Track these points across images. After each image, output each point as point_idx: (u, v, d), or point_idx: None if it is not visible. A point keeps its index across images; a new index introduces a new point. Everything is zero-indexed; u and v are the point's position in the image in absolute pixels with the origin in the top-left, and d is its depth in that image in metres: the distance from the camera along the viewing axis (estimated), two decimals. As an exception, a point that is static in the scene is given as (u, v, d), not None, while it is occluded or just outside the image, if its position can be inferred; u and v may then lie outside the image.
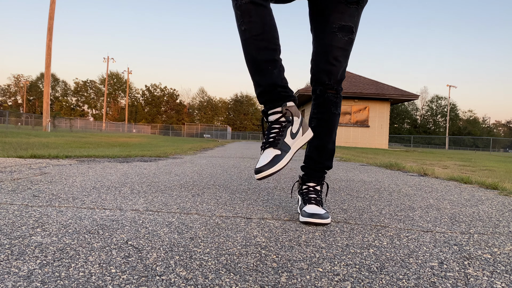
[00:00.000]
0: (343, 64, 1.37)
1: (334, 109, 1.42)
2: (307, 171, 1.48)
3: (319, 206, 1.35)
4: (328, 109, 1.41)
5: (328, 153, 1.46)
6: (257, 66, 1.20)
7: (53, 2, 19.32)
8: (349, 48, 1.37)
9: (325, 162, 1.46)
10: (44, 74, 19.93)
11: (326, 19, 1.36)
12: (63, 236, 1.01)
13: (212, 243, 1.02)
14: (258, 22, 1.17)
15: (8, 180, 1.95)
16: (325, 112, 1.42)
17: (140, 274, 0.78)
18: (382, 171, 3.68)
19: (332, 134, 1.45)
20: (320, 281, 0.79)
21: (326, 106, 1.41)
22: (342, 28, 1.33)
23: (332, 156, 1.48)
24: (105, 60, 50.64)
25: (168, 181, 2.24)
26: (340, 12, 1.33)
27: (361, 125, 19.25)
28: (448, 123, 52.91)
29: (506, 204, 1.91)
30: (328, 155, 1.46)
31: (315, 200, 1.38)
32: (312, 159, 1.47)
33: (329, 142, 1.45)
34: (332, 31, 1.34)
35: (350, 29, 1.34)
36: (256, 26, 1.17)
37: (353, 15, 1.35)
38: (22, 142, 7.00)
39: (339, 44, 1.33)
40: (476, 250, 1.07)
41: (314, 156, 1.46)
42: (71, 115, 65.77)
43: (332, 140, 1.46)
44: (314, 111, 1.46)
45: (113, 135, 19.83)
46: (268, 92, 1.21)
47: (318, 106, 1.43)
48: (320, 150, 1.45)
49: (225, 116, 73.47)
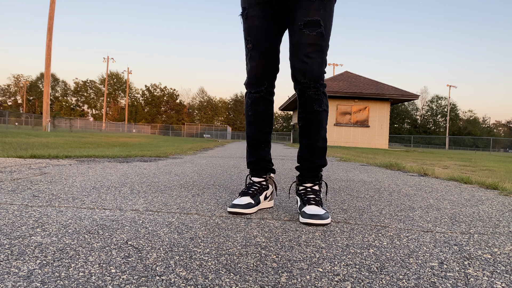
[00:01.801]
0: (317, 60, 1.35)
1: (317, 106, 1.41)
2: (302, 172, 1.49)
3: (318, 206, 1.35)
4: (311, 107, 1.41)
5: (319, 151, 1.46)
6: (254, 142, 1.55)
7: (53, 2, 19.32)
8: (321, 42, 1.34)
9: (316, 160, 1.46)
10: (44, 74, 19.93)
11: (293, 17, 1.37)
12: (63, 236, 1.01)
13: (212, 243, 1.02)
14: (262, 111, 1.52)
15: (8, 180, 1.95)
16: (309, 111, 1.43)
17: (140, 274, 0.78)
18: (382, 171, 3.68)
19: (320, 132, 1.45)
20: (320, 281, 0.79)
21: (309, 104, 1.42)
22: (307, 23, 1.32)
23: (324, 154, 1.48)
24: (105, 60, 50.64)
25: (168, 181, 2.24)
26: (304, 8, 1.33)
27: (361, 125, 19.25)
28: (448, 123, 52.89)
29: (506, 204, 1.91)
30: (320, 153, 1.46)
31: (314, 200, 1.38)
32: (304, 159, 1.48)
33: (318, 140, 1.45)
34: (299, 28, 1.34)
35: (317, 22, 1.32)
36: (259, 114, 1.52)
37: (319, 8, 1.33)
38: (22, 142, 7.00)
39: (308, 40, 1.33)
40: (476, 250, 1.06)
41: (306, 156, 1.47)
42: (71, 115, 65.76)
43: (321, 138, 1.46)
44: (299, 111, 1.47)
45: (113, 135, 19.83)
46: (257, 163, 1.55)
47: (301, 105, 1.45)
48: (310, 149, 1.46)
49: (225, 116, 73.47)
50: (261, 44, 1.43)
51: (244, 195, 1.47)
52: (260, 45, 1.43)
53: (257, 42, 1.43)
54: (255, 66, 1.45)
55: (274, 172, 1.60)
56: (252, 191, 1.48)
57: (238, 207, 1.39)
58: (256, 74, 1.46)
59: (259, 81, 1.47)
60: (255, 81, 1.48)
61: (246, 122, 1.57)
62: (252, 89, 1.50)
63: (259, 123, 1.53)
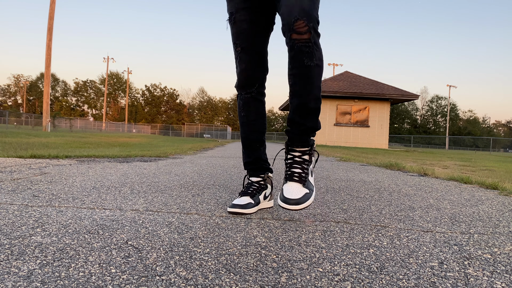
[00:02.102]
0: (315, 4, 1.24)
1: (308, 60, 1.23)
2: (291, 136, 1.33)
3: (301, 183, 1.25)
4: (301, 61, 1.24)
5: (312, 112, 1.30)
6: (249, 142, 1.57)
7: (53, 2, 19.32)
8: None
9: (307, 123, 1.30)
10: (44, 74, 19.93)
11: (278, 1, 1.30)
12: (63, 236, 1.01)
13: (212, 243, 1.02)
14: (254, 111, 1.54)
15: (8, 180, 1.95)
16: (299, 66, 1.25)
17: (140, 274, 0.78)
18: (382, 171, 3.68)
19: (312, 90, 1.28)
20: (320, 281, 0.79)
21: (298, 58, 1.24)
22: None
23: (317, 116, 1.33)
24: (105, 60, 50.66)
25: (168, 181, 2.24)
26: None
27: (361, 125, 19.25)
28: (448, 123, 52.90)
29: (506, 204, 1.91)
30: (312, 114, 1.30)
31: (298, 176, 1.27)
32: (294, 122, 1.31)
33: (310, 100, 1.28)
34: None
35: None
36: (252, 114, 1.54)
37: None
38: (22, 142, 7.00)
39: None
40: (476, 250, 1.06)
41: (296, 118, 1.30)
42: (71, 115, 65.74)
43: (314, 97, 1.29)
44: (289, 67, 1.30)
45: (113, 135, 19.83)
46: (254, 163, 1.57)
47: (291, 60, 1.27)
48: (301, 109, 1.29)
49: (225, 116, 73.45)
50: (250, 47, 1.46)
51: (244, 195, 1.48)
52: (249, 47, 1.46)
53: (246, 45, 1.45)
54: (245, 68, 1.47)
55: (271, 171, 1.61)
56: (251, 191, 1.49)
57: (238, 207, 1.40)
58: (246, 76, 1.49)
59: (249, 83, 1.50)
60: (245, 83, 1.50)
61: (240, 123, 1.60)
62: (243, 91, 1.53)
63: (252, 123, 1.55)
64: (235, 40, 1.47)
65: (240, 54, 1.47)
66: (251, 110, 1.54)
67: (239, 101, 1.57)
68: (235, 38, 1.47)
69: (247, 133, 1.57)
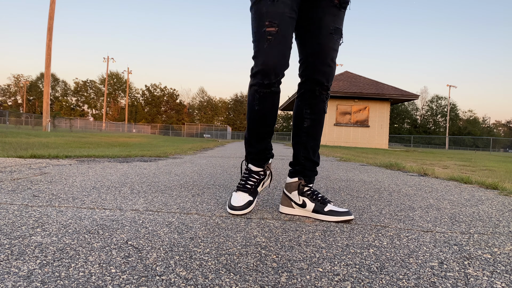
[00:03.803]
0: (335, 66, 1.43)
1: (325, 108, 1.48)
2: (307, 173, 1.48)
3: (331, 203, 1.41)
4: (322, 109, 1.46)
5: (318, 151, 1.52)
6: (258, 135, 1.48)
7: (53, 2, 19.31)
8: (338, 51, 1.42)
9: (317, 160, 1.51)
10: (44, 74, 19.93)
11: (320, 21, 1.37)
12: (63, 236, 1.01)
13: (212, 243, 1.02)
14: (269, 106, 1.42)
15: (8, 180, 1.95)
16: (319, 112, 1.47)
17: (140, 274, 0.78)
18: (382, 171, 3.68)
19: (321, 133, 1.52)
20: (320, 281, 0.79)
21: (320, 106, 1.45)
22: (336, 30, 1.38)
23: None
24: (105, 60, 50.63)
25: (168, 181, 2.24)
26: (333, 15, 1.38)
27: (361, 125, 19.24)
28: (448, 123, 52.90)
29: (506, 204, 1.91)
30: (318, 153, 1.53)
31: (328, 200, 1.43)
32: (309, 160, 1.48)
33: (320, 141, 1.52)
34: (330, 33, 1.37)
35: (341, 32, 1.40)
36: (266, 108, 1.42)
37: (342, 18, 1.41)
38: (22, 142, 7.00)
39: (335, 46, 1.39)
40: (476, 250, 1.06)
41: (311, 157, 1.48)
42: (71, 115, 65.75)
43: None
44: (307, 111, 1.47)
45: (113, 135, 19.82)
46: (259, 154, 1.51)
47: (311, 106, 1.46)
48: (315, 149, 1.49)
49: (225, 116, 73.44)
50: (286, 32, 1.29)
51: (242, 191, 1.47)
52: (285, 32, 1.29)
53: (283, 28, 1.28)
54: (277, 54, 1.28)
55: (272, 156, 1.58)
56: (250, 186, 1.48)
57: (237, 209, 1.39)
58: (275, 63, 1.29)
59: (276, 71, 1.31)
60: (272, 71, 1.30)
61: (251, 116, 1.44)
62: (265, 80, 1.32)
63: (266, 117, 1.43)
64: (272, 20, 1.27)
65: (275, 36, 1.27)
66: (266, 105, 1.40)
67: (255, 94, 1.38)
68: (271, 17, 1.27)
69: (259, 126, 1.46)
